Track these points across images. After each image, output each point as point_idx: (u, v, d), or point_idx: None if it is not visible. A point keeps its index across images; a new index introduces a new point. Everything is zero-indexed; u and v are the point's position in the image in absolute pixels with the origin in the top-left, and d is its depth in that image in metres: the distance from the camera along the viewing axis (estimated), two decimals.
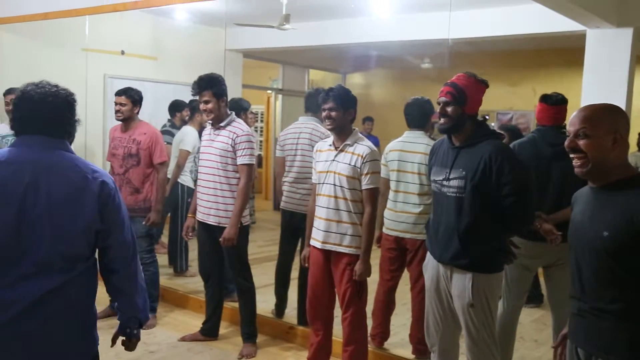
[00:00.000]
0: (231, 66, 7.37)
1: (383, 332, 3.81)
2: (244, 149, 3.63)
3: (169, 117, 5.77)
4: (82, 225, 1.86)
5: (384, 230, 3.73)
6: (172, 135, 5.47)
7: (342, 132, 3.21)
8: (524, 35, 5.68)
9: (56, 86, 1.94)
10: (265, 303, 4.23)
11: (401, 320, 4.10)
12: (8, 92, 4.42)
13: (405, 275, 3.78)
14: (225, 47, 6.51)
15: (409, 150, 3.63)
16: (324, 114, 3.22)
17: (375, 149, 3.20)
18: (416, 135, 3.66)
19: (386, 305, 3.81)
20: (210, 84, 3.65)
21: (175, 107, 5.76)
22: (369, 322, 3.50)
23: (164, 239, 5.81)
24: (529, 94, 7.48)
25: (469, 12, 5.62)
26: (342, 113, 3.17)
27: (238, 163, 3.64)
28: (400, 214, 3.61)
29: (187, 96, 5.26)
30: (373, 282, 3.61)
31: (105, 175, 1.94)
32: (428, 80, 7.88)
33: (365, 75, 9.83)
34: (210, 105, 3.65)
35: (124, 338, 2.17)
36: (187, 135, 5.17)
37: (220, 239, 3.63)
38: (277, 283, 4.31)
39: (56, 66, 6.64)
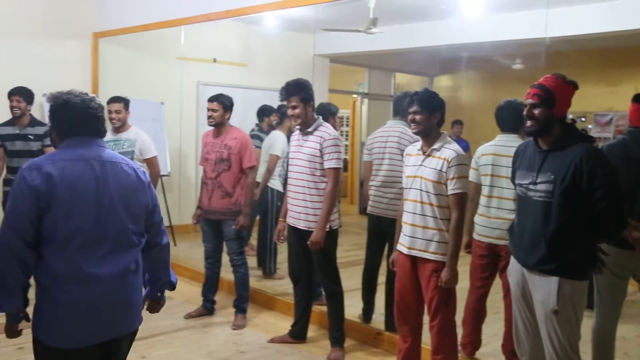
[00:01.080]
0: (318, 71, 7.44)
1: (474, 341, 3.70)
2: (330, 152, 3.65)
3: (256, 121, 5.90)
4: (143, 206, 2.24)
5: (475, 236, 3.63)
6: (260, 139, 5.59)
7: (429, 135, 3.16)
8: (627, 32, 5.36)
9: (86, 93, 2.22)
10: (352, 307, 4.22)
11: (493, 330, 3.97)
12: (112, 100, 4.65)
13: (497, 283, 3.65)
14: (313, 53, 6.58)
15: (503, 154, 3.51)
16: (409, 117, 3.20)
17: (462, 152, 3.13)
18: (510, 139, 3.54)
19: (477, 313, 3.70)
20: (297, 90, 3.70)
21: (263, 112, 5.88)
22: (459, 331, 3.41)
23: (253, 241, 5.94)
24: (630, 94, 7.04)
25: (567, 9, 5.37)
26: (427, 116, 3.12)
27: (325, 167, 3.66)
28: (494, 220, 3.50)
29: (275, 101, 5.36)
30: (463, 290, 3.52)
31: (140, 166, 2.38)
32: (519, 81, 7.59)
33: (454, 77, 9.62)
34: (297, 111, 3.70)
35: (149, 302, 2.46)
36: (276, 140, 5.26)
37: (308, 242, 3.66)
38: (364, 288, 4.29)
39: (154, 75, 7.00)
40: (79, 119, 2.16)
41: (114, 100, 4.66)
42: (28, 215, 1.99)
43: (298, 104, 3.69)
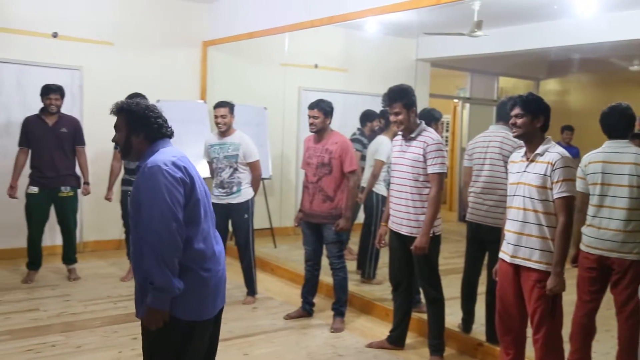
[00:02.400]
0: (419, 76, 7.37)
1: (582, 358, 3.51)
2: (434, 157, 3.61)
3: (358, 126, 5.94)
4: (210, 198, 2.51)
5: (584, 248, 3.45)
6: (361, 143, 5.62)
7: (532, 141, 3.07)
8: None
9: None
10: (451, 316, 4.14)
11: (604, 349, 3.75)
12: (218, 105, 4.84)
13: (608, 299, 3.44)
14: (416, 57, 6.53)
15: (614, 161, 3.32)
16: (510, 120, 3.12)
17: (567, 154, 3.00)
18: (621, 145, 3.36)
19: (585, 329, 3.50)
20: (400, 96, 3.69)
21: (367, 117, 5.91)
22: (566, 347, 3.25)
23: (352, 245, 5.98)
24: None
25: None
26: (529, 120, 3.03)
27: (429, 172, 3.63)
28: (605, 231, 3.31)
29: (374, 106, 5.36)
30: (570, 304, 3.35)
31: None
32: (637, 84, 7.14)
33: (562, 81, 9.19)
34: (400, 117, 3.69)
35: None
36: (381, 145, 5.24)
37: (412, 248, 3.64)
38: (463, 297, 4.19)
39: (258, 81, 7.23)
40: (163, 121, 2.41)
41: (219, 105, 4.85)
42: (182, 204, 2.25)
43: (401, 110, 3.68)
